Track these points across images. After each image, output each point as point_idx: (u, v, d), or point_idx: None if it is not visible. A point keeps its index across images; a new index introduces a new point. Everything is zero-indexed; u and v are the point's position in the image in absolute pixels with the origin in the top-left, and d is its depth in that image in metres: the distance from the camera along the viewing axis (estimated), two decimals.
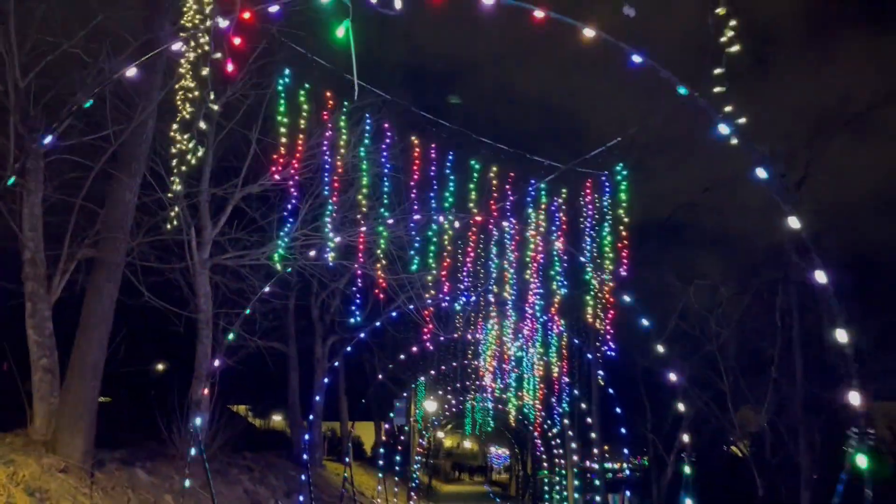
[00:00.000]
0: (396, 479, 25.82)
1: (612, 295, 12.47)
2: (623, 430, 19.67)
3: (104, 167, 11.00)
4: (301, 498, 13.96)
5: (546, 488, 38.35)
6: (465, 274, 13.20)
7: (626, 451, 28.88)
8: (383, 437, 45.03)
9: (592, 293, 12.35)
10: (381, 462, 22.95)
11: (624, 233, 13.15)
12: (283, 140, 11.86)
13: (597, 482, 28.85)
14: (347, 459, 20.44)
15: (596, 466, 45.34)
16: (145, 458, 11.78)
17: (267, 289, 11.97)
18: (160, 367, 23.98)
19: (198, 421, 12.84)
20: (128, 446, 13.04)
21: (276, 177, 13.00)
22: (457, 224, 12.43)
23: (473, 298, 12.99)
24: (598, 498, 34.08)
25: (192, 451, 12.91)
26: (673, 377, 9.95)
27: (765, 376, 20.39)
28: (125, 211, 10.82)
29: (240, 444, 19.27)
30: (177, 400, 13.16)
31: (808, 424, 16.06)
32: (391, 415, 34.26)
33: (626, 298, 12.34)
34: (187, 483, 10.39)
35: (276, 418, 46.74)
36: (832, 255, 15.45)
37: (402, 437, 40.73)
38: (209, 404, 13.02)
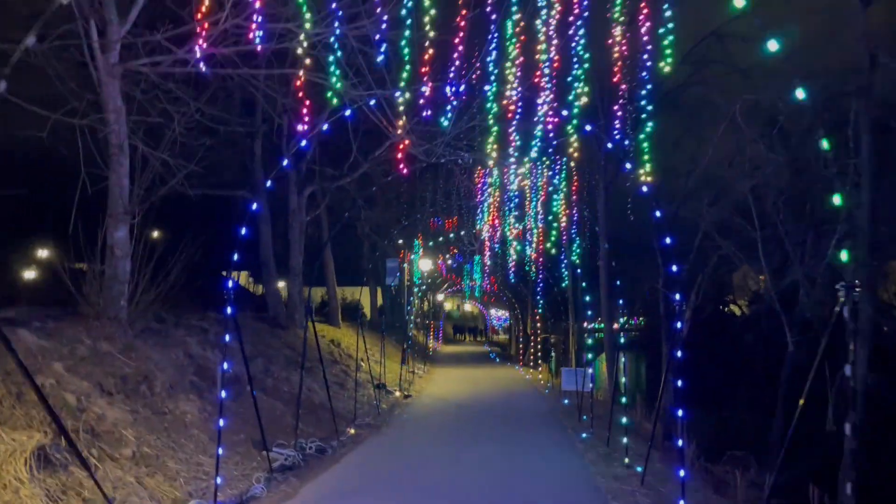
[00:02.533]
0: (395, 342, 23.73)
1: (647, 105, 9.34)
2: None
3: None
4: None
5: (551, 350, 37.07)
6: (454, 70, 9.98)
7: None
8: (378, 302, 43.67)
9: (623, 101, 9.22)
10: (360, 322, 20.71)
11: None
12: None
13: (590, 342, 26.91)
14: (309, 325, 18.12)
15: (594, 327, 44.04)
16: (46, 318, 9.15)
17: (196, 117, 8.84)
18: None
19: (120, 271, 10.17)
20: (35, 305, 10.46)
21: None
22: None
23: (463, 88, 9.83)
24: (589, 355, 32.61)
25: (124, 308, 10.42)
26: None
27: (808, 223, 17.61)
28: None
29: (201, 303, 16.89)
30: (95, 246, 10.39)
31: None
32: (387, 280, 32.17)
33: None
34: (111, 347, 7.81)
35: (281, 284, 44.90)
36: None
37: (400, 300, 38.99)
38: (129, 249, 10.24)
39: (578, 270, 27.65)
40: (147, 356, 9.84)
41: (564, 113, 10.41)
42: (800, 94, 6.92)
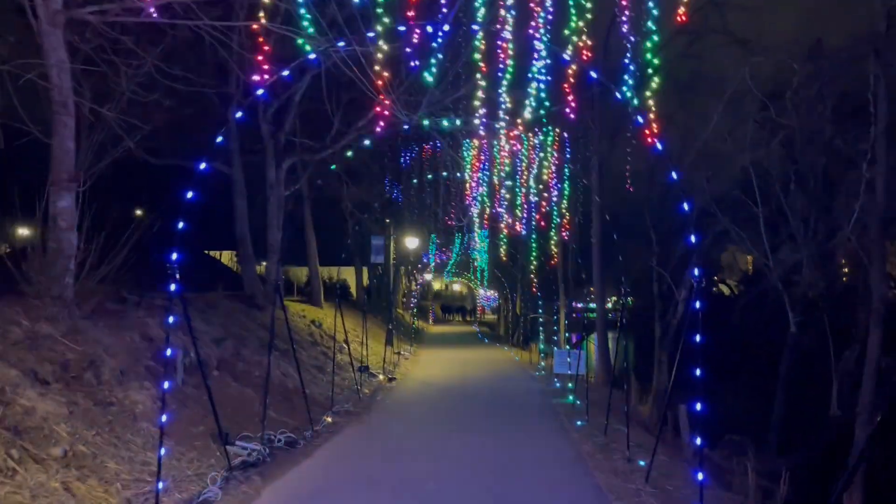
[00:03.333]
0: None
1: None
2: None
3: None
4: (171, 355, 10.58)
5: (541, 329, 36.25)
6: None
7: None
8: (364, 282, 42.64)
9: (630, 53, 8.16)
10: (338, 298, 19.76)
11: None
12: None
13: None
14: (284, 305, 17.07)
15: (581, 306, 43.27)
16: None
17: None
18: None
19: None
20: None
21: None
22: None
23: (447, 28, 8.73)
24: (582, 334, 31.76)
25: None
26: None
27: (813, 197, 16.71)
28: None
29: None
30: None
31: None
32: (372, 258, 31.13)
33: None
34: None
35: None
36: None
37: (387, 280, 37.97)
38: (74, 220, 9.16)
39: (573, 246, 26.80)
40: (95, 339, 8.80)
41: (567, 60, 9.28)
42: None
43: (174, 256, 6.25)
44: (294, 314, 20.31)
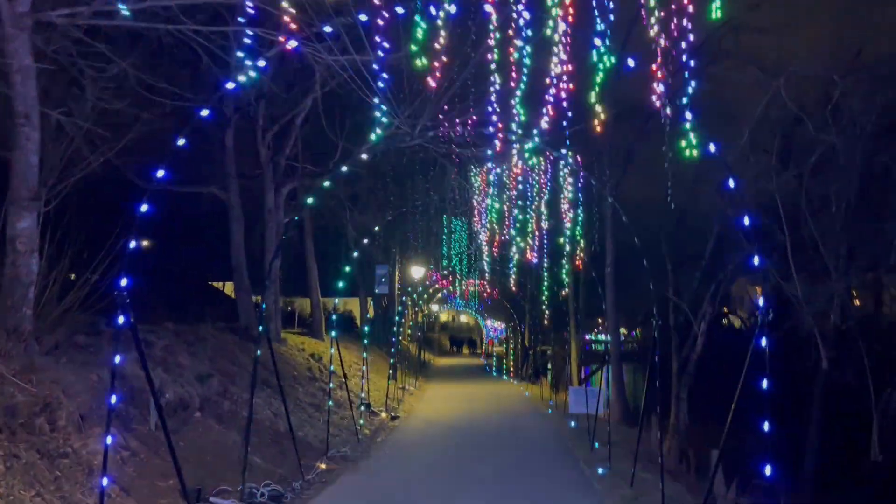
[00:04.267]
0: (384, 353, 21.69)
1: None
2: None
3: None
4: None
5: (549, 363, 34.97)
6: None
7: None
8: (369, 313, 41.48)
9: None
10: (332, 332, 18.70)
11: None
12: None
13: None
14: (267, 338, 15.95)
15: (589, 338, 41.85)
16: None
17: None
18: None
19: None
20: None
21: None
22: None
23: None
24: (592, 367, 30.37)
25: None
26: None
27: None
28: None
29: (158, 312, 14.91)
30: None
31: None
32: (377, 288, 30.03)
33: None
34: None
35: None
36: None
37: (391, 311, 36.82)
38: (35, 243, 8.16)
39: (583, 277, 25.80)
40: (55, 379, 7.74)
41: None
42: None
43: (123, 282, 5.18)
44: (293, 347, 19.24)
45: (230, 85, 8.15)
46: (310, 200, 17.27)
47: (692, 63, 6.72)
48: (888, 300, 17.94)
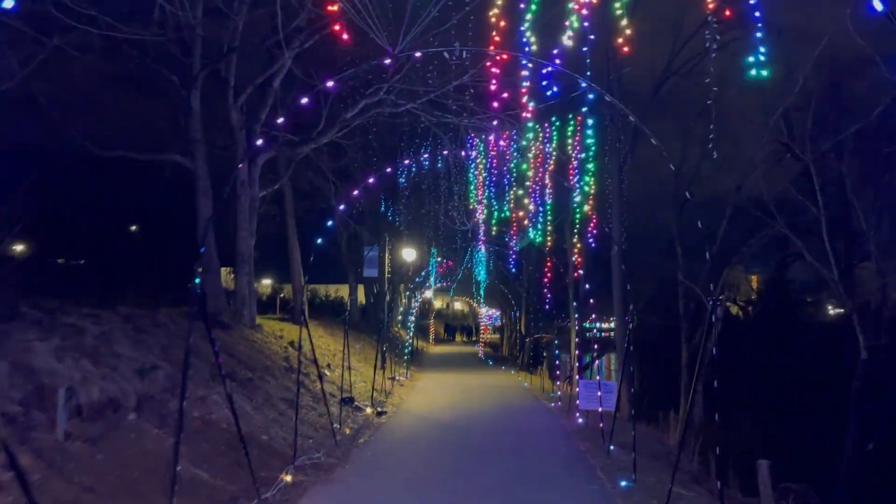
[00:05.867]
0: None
1: None
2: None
3: None
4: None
5: (543, 351, 33.22)
6: None
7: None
8: (360, 300, 39.63)
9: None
10: (301, 312, 16.91)
11: None
12: None
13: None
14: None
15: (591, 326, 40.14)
16: None
17: None
18: None
19: None
20: None
21: None
22: None
23: None
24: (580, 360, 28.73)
25: None
26: None
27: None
28: None
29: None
30: None
31: None
32: (365, 271, 28.15)
33: None
34: None
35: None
36: None
37: (383, 297, 35.02)
38: None
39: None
40: None
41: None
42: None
43: None
44: (269, 334, 17.34)
45: None
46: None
47: None
48: None
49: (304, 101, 8.53)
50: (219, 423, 9.51)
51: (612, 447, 11.21)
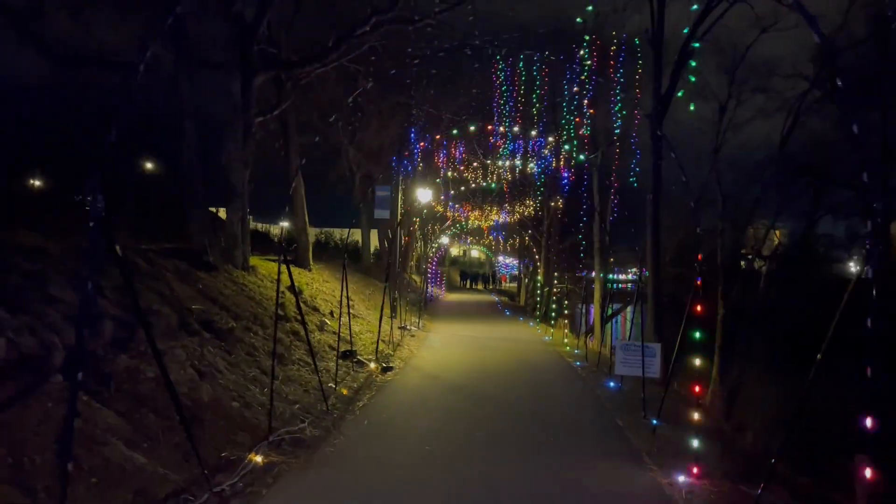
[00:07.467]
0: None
1: None
2: None
3: None
4: None
5: (563, 301, 31.31)
6: None
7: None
8: (375, 245, 37.87)
9: None
10: (281, 249, 15.19)
11: None
12: None
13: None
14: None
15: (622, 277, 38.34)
16: None
17: None
18: None
19: None
20: None
21: None
22: None
23: None
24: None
25: None
26: None
27: None
28: None
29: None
30: None
31: None
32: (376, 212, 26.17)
33: None
34: None
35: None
36: None
37: (398, 241, 33.18)
38: None
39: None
40: None
41: None
42: None
43: None
44: (265, 277, 15.55)
45: None
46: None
47: None
48: None
49: None
50: (178, 387, 7.71)
51: (655, 421, 9.36)
